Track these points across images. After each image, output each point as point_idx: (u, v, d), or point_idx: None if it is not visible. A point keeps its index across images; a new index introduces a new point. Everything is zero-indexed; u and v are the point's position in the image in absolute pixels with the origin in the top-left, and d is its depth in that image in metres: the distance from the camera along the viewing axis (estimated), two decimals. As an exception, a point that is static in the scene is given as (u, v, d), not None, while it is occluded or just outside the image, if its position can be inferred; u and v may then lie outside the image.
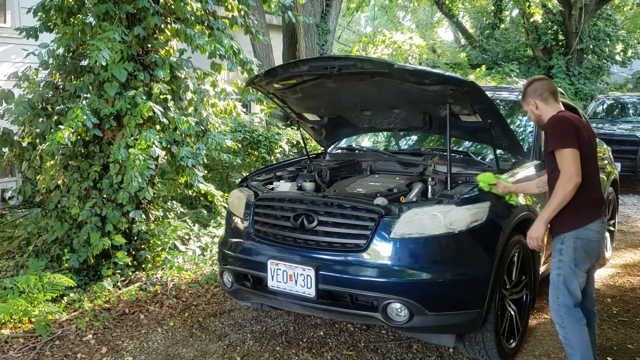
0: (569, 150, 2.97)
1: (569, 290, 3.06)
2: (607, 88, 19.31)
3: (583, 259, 3.08)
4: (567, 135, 3.01)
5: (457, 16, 22.82)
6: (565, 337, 3.10)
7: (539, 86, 3.24)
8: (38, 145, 5.28)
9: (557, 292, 3.09)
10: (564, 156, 2.98)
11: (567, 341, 3.09)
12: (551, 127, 3.08)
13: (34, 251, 5.33)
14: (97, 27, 4.92)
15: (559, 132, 3.03)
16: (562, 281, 3.07)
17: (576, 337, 3.05)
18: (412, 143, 5.21)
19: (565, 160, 2.97)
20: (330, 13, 11.63)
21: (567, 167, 2.96)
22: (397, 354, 3.77)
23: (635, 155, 9.41)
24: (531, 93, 3.24)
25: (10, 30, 7.65)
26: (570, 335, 3.06)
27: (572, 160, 2.96)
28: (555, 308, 3.10)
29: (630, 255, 6.18)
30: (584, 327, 3.06)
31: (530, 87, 3.27)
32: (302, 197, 3.61)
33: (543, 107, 3.21)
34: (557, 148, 3.00)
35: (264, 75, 4.01)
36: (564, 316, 3.07)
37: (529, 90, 3.27)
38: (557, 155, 3.01)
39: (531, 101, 3.24)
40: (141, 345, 3.96)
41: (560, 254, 3.08)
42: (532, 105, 3.24)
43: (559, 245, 3.10)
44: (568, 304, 3.06)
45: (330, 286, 3.31)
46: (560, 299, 3.07)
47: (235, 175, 7.48)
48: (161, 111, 4.91)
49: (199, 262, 5.66)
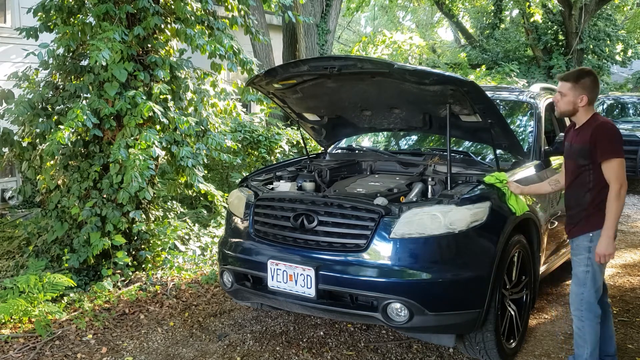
0: (621, 160, 3.06)
1: (595, 287, 3.16)
2: (607, 88, 19.31)
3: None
4: (620, 144, 3.10)
5: (457, 16, 22.84)
6: (580, 329, 3.20)
7: (596, 85, 3.19)
8: (38, 145, 5.28)
9: (583, 288, 3.16)
10: (618, 165, 3.05)
11: (582, 333, 3.19)
12: (606, 134, 3.09)
13: (34, 251, 5.34)
14: (97, 27, 4.92)
15: (615, 141, 3.08)
16: (590, 278, 3.15)
17: (591, 333, 3.17)
18: (412, 143, 5.21)
19: (618, 169, 3.05)
20: (330, 13, 11.63)
21: (620, 177, 3.04)
22: (397, 354, 3.77)
23: (635, 155, 9.41)
24: (588, 88, 3.15)
25: (10, 30, 7.66)
26: (587, 329, 3.17)
27: (623, 170, 3.06)
28: (578, 303, 3.19)
29: (630, 255, 6.18)
30: (599, 324, 3.18)
31: (589, 79, 3.18)
32: (302, 197, 3.61)
33: (586, 108, 3.18)
34: (612, 157, 3.06)
35: (264, 75, 4.01)
36: (584, 311, 3.17)
37: (587, 82, 3.16)
38: (609, 162, 3.05)
39: (583, 97, 3.15)
40: (141, 345, 3.96)
41: (589, 251, 3.14)
42: (580, 100, 3.16)
43: (587, 243, 3.15)
44: (591, 300, 3.16)
45: (330, 286, 3.31)
46: (585, 295, 3.16)
47: (235, 175, 7.48)
48: (161, 111, 4.91)
49: (199, 262, 5.66)
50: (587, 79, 3.17)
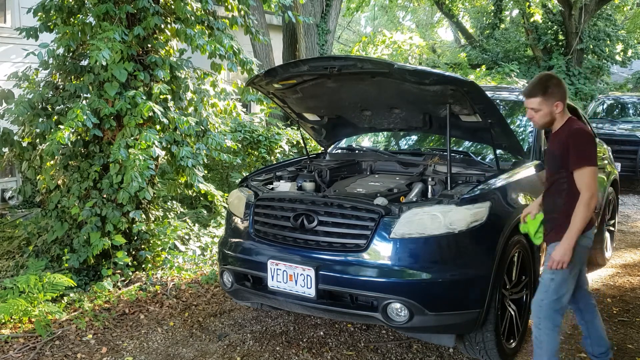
0: (593, 168, 2.95)
1: (558, 295, 3.05)
2: (607, 88, 19.30)
3: (578, 265, 3.10)
4: (593, 151, 2.99)
5: (457, 16, 22.82)
6: (537, 338, 3.12)
7: (562, 87, 3.09)
8: (38, 145, 5.28)
9: (545, 294, 3.08)
10: (589, 174, 2.94)
11: (538, 342, 3.11)
12: (579, 142, 2.98)
13: (34, 251, 5.33)
14: (97, 27, 4.92)
15: (587, 148, 2.97)
16: (553, 287, 3.05)
17: (548, 342, 3.08)
18: (412, 143, 5.21)
19: (589, 178, 2.94)
20: (330, 13, 11.63)
21: (590, 186, 2.94)
22: (397, 354, 3.77)
23: (635, 155, 9.40)
24: (558, 94, 3.06)
25: (10, 30, 7.65)
26: (543, 338, 3.08)
27: (594, 179, 2.95)
28: (537, 310, 3.10)
29: (630, 255, 6.18)
30: (559, 334, 3.09)
31: (555, 85, 3.08)
32: (302, 197, 3.61)
33: (562, 113, 3.09)
34: (583, 166, 2.94)
35: (264, 75, 4.01)
36: (542, 319, 3.08)
37: (554, 89, 3.06)
38: (580, 171, 2.95)
39: (559, 104, 3.06)
40: (141, 345, 3.96)
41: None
42: (556, 108, 3.07)
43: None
44: (552, 308, 3.06)
45: (330, 286, 3.31)
46: (545, 302, 3.07)
47: (235, 175, 7.48)
48: (161, 111, 4.91)
49: (199, 262, 5.66)
50: (553, 87, 3.06)
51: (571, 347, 3.87)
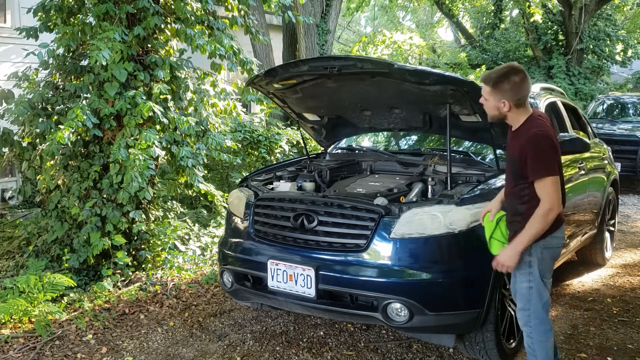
0: (554, 178, 2.74)
1: (542, 300, 2.93)
2: (607, 88, 19.29)
3: (550, 268, 2.98)
4: (553, 159, 2.76)
5: (457, 16, 22.82)
6: (529, 346, 2.99)
7: (519, 87, 2.80)
8: (38, 145, 5.28)
9: (529, 304, 2.93)
10: (550, 184, 2.73)
11: (532, 351, 2.99)
12: (538, 150, 2.75)
13: (34, 251, 5.33)
14: (97, 27, 4.92)
15: (547, 157, 2.74)
16: (534, 293, 2.91)
17: (541, 349, 2.96)
18: (412, 143, 5.21)
19: (549, 188, 2.73)
20: (330, 13, 11.63)
21: (551, 196, 2.73)
22: (397, 354, 3.77)
23: (635, 155, 9.41)
24: (508, 92, 2.79)
25: (10, 30, 7.65)
26: (536, 346, 2.96)
27: (555, 189, 2.74)
28: (525, 319, 2.96)
29: (630, 255, 6.18)
30: (551, 339, 2.97)
31: (508, 83, 2.79)
32: (302, 197, 3.61)
33: (515, 112, 2.85)
34: (543, 176, 2.73)
35: (264, 75, 4.01)
36: (534, 327, 2.94)
37: (506, 86, 2.79)
38: (540, 182, 2.74)
39: (505, 102, 2.82)
40: (141, 345, 3.96)
41: (529, 266, 2.91)
42: (502, 105, 2.83)
43: (527, 257, 2.89)
44: (539, 316, 2.93)
45: (330, 286, 3.31)
46: (532, 311, 2.93)
47: (235, 175, 7.48)
48: (161, 111, 4.91)
49: (199, 262, 5.66)
50: (505, 84, 2.78)
51: (571, 347, 3.87)
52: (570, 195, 3.56)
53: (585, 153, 4.71)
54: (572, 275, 5.43)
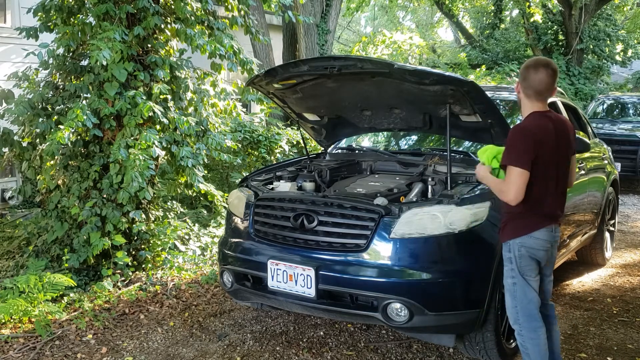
0: (518, 170, 2.80)
1: (527, 296, 2.95)
2: (607, 88, 19.31)
3: (530, 266, 2.96)
4: (520, 150, 2.82)
5: (457, 16, 22.83)
6: (522, 345, 2.99)
7: (526, 76, 2.93)
8: (38, 145, 5.28)
9: (515, 300, 2.97)
10: (511, 174, 2.82)
11: (524, 349, 2.98)
12: (509, 138, 2.88)
13: (34, 251, 5.33)
14: (97, 27, 4.92)
15: (515, 147, 2.84)
16: (519, 289, 2.96)
17: (533, 346, 2.95)
18: (412, 143, 5.21)
19: (514, 179, 2.81)
20: (330, 13, 11.63)
21: (509, 187, 2.82)
22: (397, 354, 3.77)
23: (635, 155, 9.41)
24: (521, 76, 2.98)
25: (10, 30, 7.65)
26: (528, 344, 2.96)
27: (516, 182, 2.80)
28: (514, 316, 2.99)
29: (630, 255, 6.18)
30: (542, 335, 2.96)
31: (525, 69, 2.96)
32: (302, 197, 3.61)
33: (523, 102, 3.00)
34: (508, 164, 2.84)
35: (264, 75, 4.01)
36: (522, 324, 2.96)
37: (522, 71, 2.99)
38: (508, 169, 2.85)
39: (517, 85, 3.02)
40: (141, 345, 3.96)
41: (510, 262, 2.98)
42: (516, 87, 3.03)
43: (507, 254, 2.99)
44: (528, 311, 2.95)
45: (330, 286, 3.31)
46: (519, 307, 2.96)
47: (235, 175, 7.48)
48: (161, 111, 4.91)
49: (199, 262, 5.66)
50: (524, 69, 2.95)
51: (571, 347, 3.87)
52: (570, 195, 3.56)
53: (585, 153, 4.72)
54: (572, 275, 5.43)
